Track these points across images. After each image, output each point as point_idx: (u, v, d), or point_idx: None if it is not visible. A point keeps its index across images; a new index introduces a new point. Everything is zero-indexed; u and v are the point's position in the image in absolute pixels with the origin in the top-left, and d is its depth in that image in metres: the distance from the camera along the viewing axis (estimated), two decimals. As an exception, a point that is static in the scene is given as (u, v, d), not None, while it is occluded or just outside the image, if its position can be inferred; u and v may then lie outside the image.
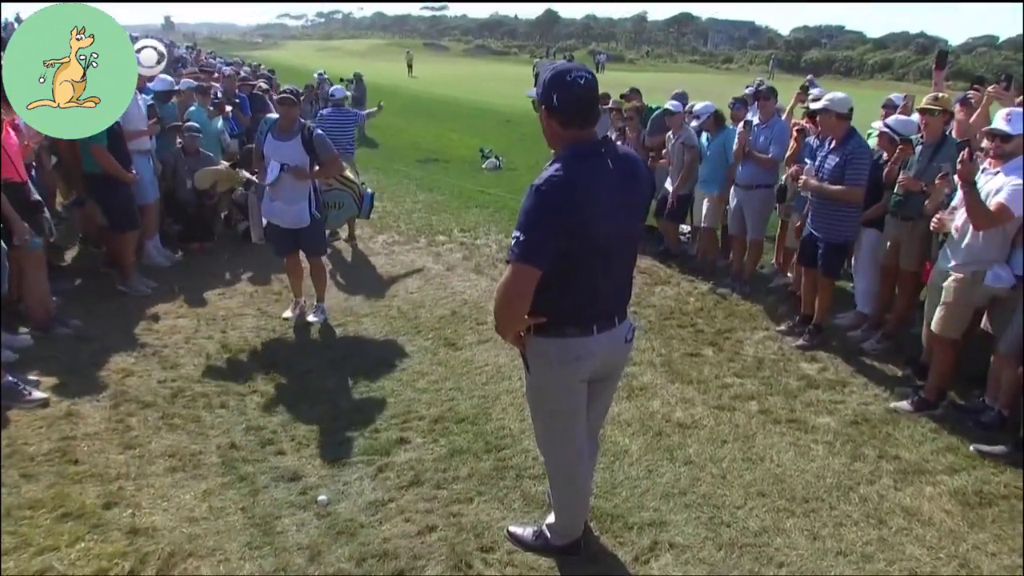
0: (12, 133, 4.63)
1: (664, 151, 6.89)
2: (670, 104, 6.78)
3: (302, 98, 4.80)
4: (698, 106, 6.56)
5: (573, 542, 2.77)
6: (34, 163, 5.45)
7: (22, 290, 4.64)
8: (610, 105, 8.46)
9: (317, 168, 4.84)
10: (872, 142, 5.19)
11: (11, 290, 4.48)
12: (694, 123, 6.40)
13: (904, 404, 4.11)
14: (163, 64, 4.65)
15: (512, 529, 2.91)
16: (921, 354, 4.61)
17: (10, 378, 3.88)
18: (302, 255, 5.17)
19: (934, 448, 3.70)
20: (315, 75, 18.29)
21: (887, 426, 3.92)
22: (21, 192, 4.61)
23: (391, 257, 6.97)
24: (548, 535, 2.79)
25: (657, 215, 6.93)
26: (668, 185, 6.64)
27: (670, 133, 6.73)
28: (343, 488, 3.21)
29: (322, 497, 3.10)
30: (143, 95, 6.12)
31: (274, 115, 4.91)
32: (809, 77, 9.93)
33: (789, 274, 6.21)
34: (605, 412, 2.80)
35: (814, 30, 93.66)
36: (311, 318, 5.19)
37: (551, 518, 2.79)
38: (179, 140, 6.73)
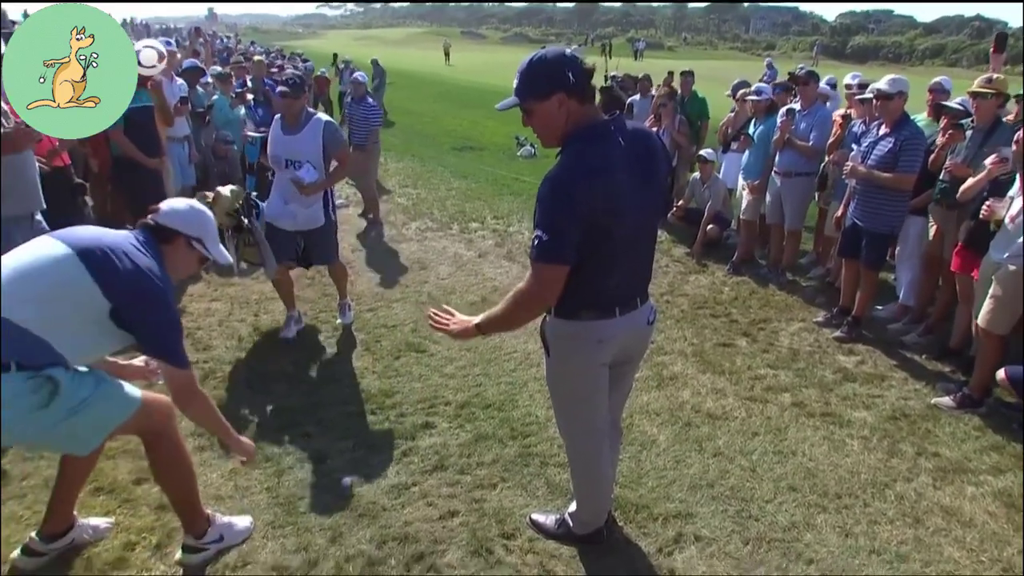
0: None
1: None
2: (704, 152, 6.87)
3: (308, 88, 4.54)
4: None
5: (595, 531, 2.72)
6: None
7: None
8: (653, 92, 8.37)
9: (334, 171, 4.55)
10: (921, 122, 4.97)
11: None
12: (752, 97, 6.28)
13: (946, 400, 3.95)
14: (163, 64, 4.54)
15: (534, 517, 2.88)
16: (951, 344, 4.46)
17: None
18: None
19: (977, 447, 3.54)
20: (340, 63, 18.23)
21: (927, 422, 3.77)
22: (64, 175, 4.74)
23: (423, 243, 6.98)
24: (570, 523, 2.75)
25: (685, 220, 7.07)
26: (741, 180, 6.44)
27: (696, 175, 7.01)
28: (367, 471, 3.21)
29: (346, 479, 3.11)
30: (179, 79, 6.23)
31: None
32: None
33: (828, 264, 6.04)
34: (626, 398, 2.74)
35: (861, 15, 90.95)
36: (340, 320, 4.95)
37: (574, 506, 2.75)
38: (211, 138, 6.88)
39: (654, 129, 7.20)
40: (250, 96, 8.09)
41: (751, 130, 6.21)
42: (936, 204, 4.63)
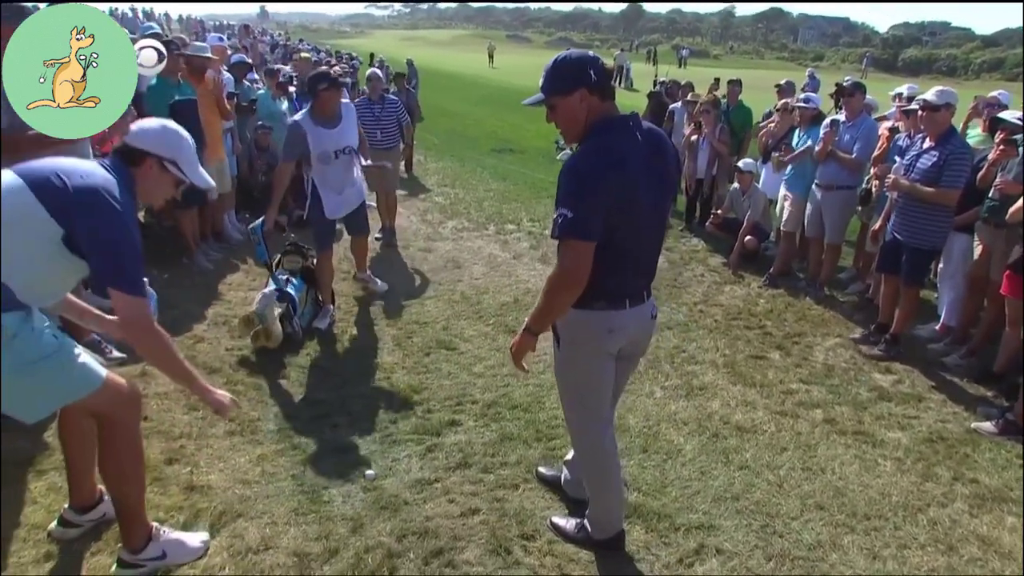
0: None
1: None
2: (741, 163, 6.85)
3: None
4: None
5: (615, 536, 2.71)
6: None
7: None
8: (689, 98, 8.30)
9: (362, 142, 4.98)
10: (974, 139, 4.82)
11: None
12: (800, 105, 6.23)
13: (987, 425, 3.82)
14: (163, 64, 4.63)
15: (555, 520, 2.87)
16: (995, 368, 4.31)
17: (95, 336, 4.12)
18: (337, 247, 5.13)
19: (1019, 475, 3.41)
20: (376, 62, 18.25)
21: (965, 447, 3.65)
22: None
23: (459, 243, 7.03)
24: (590, 528, 2.74)
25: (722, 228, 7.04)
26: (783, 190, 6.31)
27: (736, 186, 6.91)
28: (391, 464, 3.25)
29: (370, 471, 3.15)
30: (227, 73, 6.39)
31: (295, 117, 4.61)
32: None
33: (868, 280, 5.89)
34: (620, 393, 2.78)
35: (915, 27, 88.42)
36: (377, 287, 5.42)
37: (591, 509, 2.74)
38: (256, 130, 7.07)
39: (694, 137, 7.15)
40: (292, 88, 8.24)
41: (794, 140, 6.11)
42: (984, 222, 4.48)
